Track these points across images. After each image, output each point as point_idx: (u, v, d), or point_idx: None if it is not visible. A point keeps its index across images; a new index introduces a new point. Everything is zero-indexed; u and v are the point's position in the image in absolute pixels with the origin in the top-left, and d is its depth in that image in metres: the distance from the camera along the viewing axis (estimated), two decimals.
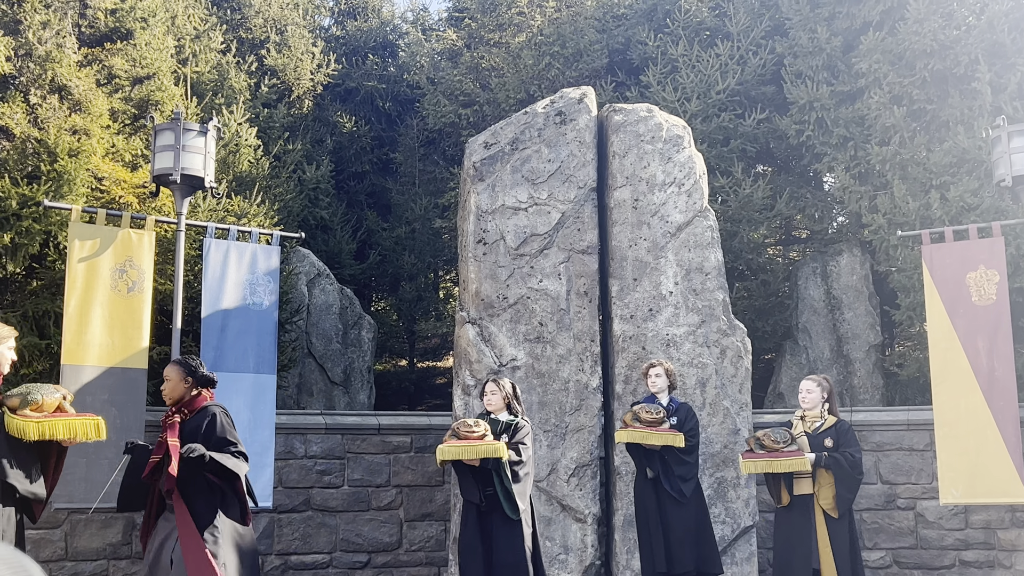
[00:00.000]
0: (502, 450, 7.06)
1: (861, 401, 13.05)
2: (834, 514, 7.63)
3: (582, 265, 9.86)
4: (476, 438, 7.10)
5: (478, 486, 7.18)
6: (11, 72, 10.86)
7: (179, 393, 6.34)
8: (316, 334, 13.65)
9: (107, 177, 10.81)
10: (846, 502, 7.69)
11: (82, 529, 9.68)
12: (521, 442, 7.30)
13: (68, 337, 8.82)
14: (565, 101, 10.25)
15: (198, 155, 9.26)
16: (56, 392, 5.85)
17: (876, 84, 13.25)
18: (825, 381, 8.06)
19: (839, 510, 7.65)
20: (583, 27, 15.88)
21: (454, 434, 7.19)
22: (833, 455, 7.67)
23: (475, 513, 7.23)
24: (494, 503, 7.15)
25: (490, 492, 7.15)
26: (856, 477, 7.73)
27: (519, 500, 7.14)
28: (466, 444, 7.07)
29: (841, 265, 13.71)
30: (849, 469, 7.65)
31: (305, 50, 17.22)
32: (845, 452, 7.69)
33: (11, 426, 5.56)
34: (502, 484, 7.11)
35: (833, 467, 7.65)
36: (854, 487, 7.75)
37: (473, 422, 7.21)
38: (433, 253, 17.28)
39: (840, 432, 7.81)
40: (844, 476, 7.66)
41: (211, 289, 9.56)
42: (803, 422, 7.97)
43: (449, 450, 7.09)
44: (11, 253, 9.98)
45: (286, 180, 14.59)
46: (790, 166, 15.59)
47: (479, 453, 7.05)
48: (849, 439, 7.79)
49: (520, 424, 7.42)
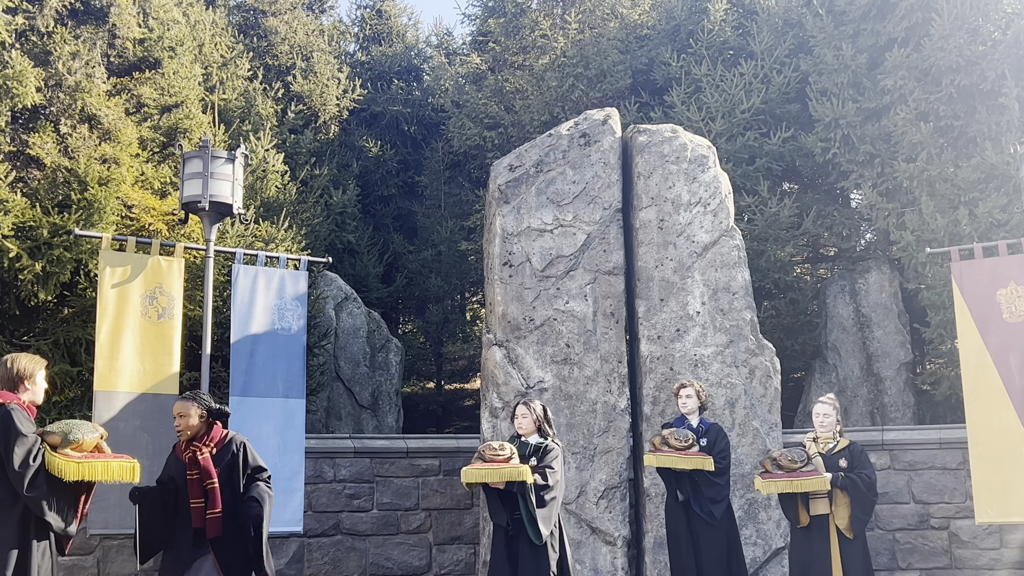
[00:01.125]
0: (527, 474, 7.03)
1: (892, 420, 12.94)
2: (849, 535, 7.61)
3: (608, 286, 9.86)
4: (502, 461, 7.06)
5: (505, 509, 7.15)
6: (42, 102, 11.01)
7: (196, 428, 6.39)
8: (344, 358, 13.70)
9: (136, 205, 10.92)
10: (861, 523, 7.66)
11: (114, 555, 9.73)
12: (548, 466, 7.23)
13: (100, 364, 8.89)
14: (589, 123, 10.28)
15: (226, 182, 9.33)
16: (95, 432, 5.86)
17: (902, 101, 13.20)
18: (836, 402, 8.11)
19: (854, 531, 7.61)
20: (606, 48, 15.93)
21: (480, 456, 7.16)
22: (850, 476, 7.65)
23: (503, 536, 7.20)
24: (520, 527, 7.12)
25: (517, 516, 7.12)
26: (871, 498, 7.70)
27: (542, 525, 7.08)
28: (491, 467, 7.04)
29: (870, 283, 13.62)
30: (865, 490, 7.63)
31: (331, 76, 17.38)
32: (861, 473, 7.66)
33: (52, 465, 5.57)
34: (527, 508, 7.08)
35: (850, 488, 7.63)
36: (869, 508, 7.72)
37: (499, 445, 7.17)
38: (459, 275, 17.32)
39: (854, 453, 7.80)
40: (860, 497, 7.63)
41: (240, 314, 9.62)
42: (816, 443, 7.94)
43: (474, 472, 7.07)
44: (43, 281, 10.09)
45: (313, 205, 14.69)
46: (816, 184, 15.53)
47: (503, 476, 7.02)
48: (863, 460, 7.78)
49: (550, 447, 7.36)
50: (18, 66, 10.60)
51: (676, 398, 8.35)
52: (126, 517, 8.85)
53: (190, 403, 6.44)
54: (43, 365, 5.94)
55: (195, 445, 6.36)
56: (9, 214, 9.87)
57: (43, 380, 5.90)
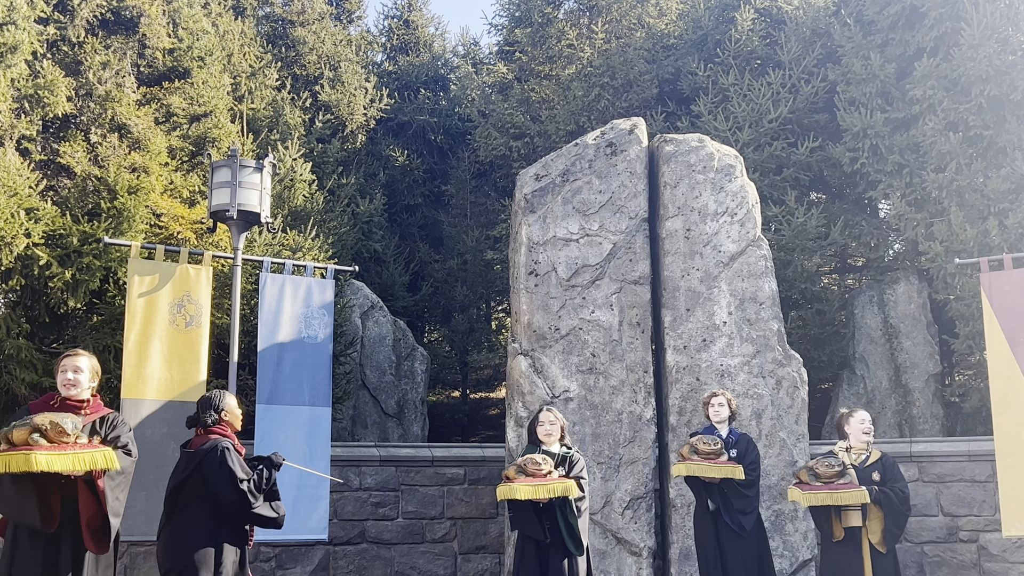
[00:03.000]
0: (573, 489, 7.04)
1: (921, 431, 12.83)
2: (882, 549, 7.49)
3: (634, 296, 9.84)
4: (544, 475, 7.05)
5: (541, 522, 7.11)
6: (72, 112, 11.13)
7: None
8: (370, 366, 13.73)
9: (165, 213, 11.01)
10: (894, 537, 7.54)
11: (142, 562, 9.78)
12: (581, 476, 7.26)
13: (128, 371, 8.96)
14: (615, 132, 10.27)
15: (254, 191, 9.39)
16: (26, 425, 5.61)
17: (931, 110, 13.11)
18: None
19: (887, 545, 7.50)
20: (632, 58, 15.92)
21: (522, 471, 7.10)
22: (883, 490, 7.52)
23: (534, 547, 7.15)
24: (555, 537, 7.10)
25: (550, 526, 7.10)
26: (904, 513, 7.55)
27: (582, 536, 7.12)
28: (538, 483, 7.00)
29: (898, 293, 13.52)
30: (899, 504, 7.51)
31: (358, 86, 17.47)
32: (895, 487, 7.54)
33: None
34: (566, 520, 7.06)
35: (884, 502, 7.50)
36: (902, 523, 7.59)
37: (542, 459, 7.11)
38: (485, 284, 17.34)
39: (886, 466, 7.66)
40: (894, 511, 7.51)
41: (267, 323, 9.67)
42: (848, 454, 7.79)
43: (522, 489, 7.00)
44: (72, 289, 10.18)
45: (340, 214, 14.76)
46: (844, 194, 15.45)
47: (553, 492, 7.00)
48: (896, 474, 7.64)
49: (576, 458, 7.37)
50: (49, 76, 10.72)
51: (707, 407, 8.28)
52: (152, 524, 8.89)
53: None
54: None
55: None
56: (40, 222, 9.97)
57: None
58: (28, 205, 9.98)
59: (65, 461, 5.50)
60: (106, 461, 5.62)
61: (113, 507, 5.72)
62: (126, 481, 5.88)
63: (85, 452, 5.59)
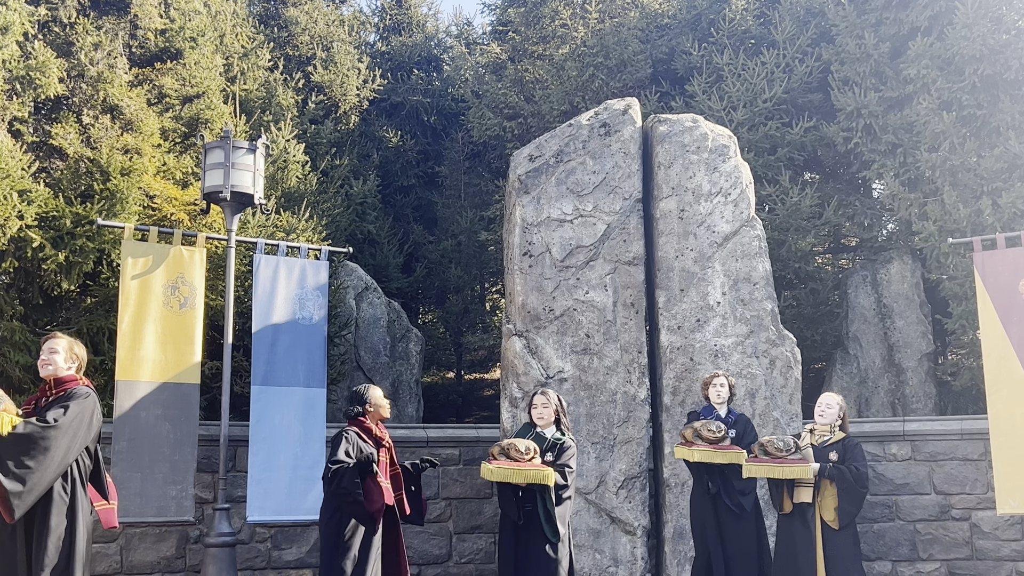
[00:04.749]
0: (549, 477, 7.04)
1: (914, 411, 12.89)
2: (835, 526, 7.65)
3: (628, 276, 9.85)
4: (527, 461, 7.09)
5: (518, 504, 7.16)
6: (64, 93, 11.08)
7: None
8: (364, 347, 13.74)
9: (158, 195, 10.98)
10: (848, 515, 7.70)
11: (137, 542, 9.81)
12: (567, 464, 7.23)
13: (122, 353, 8.97)
14: (609, 112, 10.26)
15: (247, 172, 9.38)
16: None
17: (925, 90, 13.11)
18: (843, 402, 8.14)
19: (840, 522, 7.66)
20: (626, 38, 15.88)
21: (504, 453, 7.15)
22: (838, 467, 7.72)
23: (511, 527, 7.21)
24: (532, 520, 7.13)
25: (529, 509, 7.14)
26: (860, 490, 7.75)
27: (560, 524, 7.10)
28: (515, 467, 7.05)
29: (891, 273, 13.55)
30: (853, 482, 7.68)
31: (351, 66, 17.41)
32: (851, 465, 7.73)
33: None
34: (544, 506, 7.09)
35: (837, 478, 7.70)
36: (857, 500, 7.76)
37: (525, 447, 7.13)
38: (479, 265, 17.35)
39: (847, 447, 7.87)
40: (847, 488, 7.69)
41: (261, 304, 9.67)
42: (812, 435, 8.00)
43: (497, 471, 7.08)
44: (66, 271, 10.17)
45: (334, 195, 14.73)
46: (838, 174, 15.45)
47: (527, 478, 7.05)
48: (856, 454, 7.84)
49: (566, 444, 7.33)
50: (41, 57, 10.67)
51: (707, 388, 8.36)
52: (147, 506, 8.95)
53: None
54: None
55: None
56: (32, 204, 9.95)
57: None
58: (21, 187, 9.95)
59: None
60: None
61: (14, 473, 5.53)
62: (37, 448, 5.64)
63: None
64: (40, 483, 5.65)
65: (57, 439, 5.72)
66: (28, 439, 5.62)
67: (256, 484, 9.33)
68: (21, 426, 5.61)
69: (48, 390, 5.98)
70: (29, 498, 5.61)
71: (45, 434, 5.68)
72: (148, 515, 9.06)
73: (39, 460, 5.64)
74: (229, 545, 8.90)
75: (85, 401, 5.94)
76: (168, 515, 9.13)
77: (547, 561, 7.06)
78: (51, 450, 5.69)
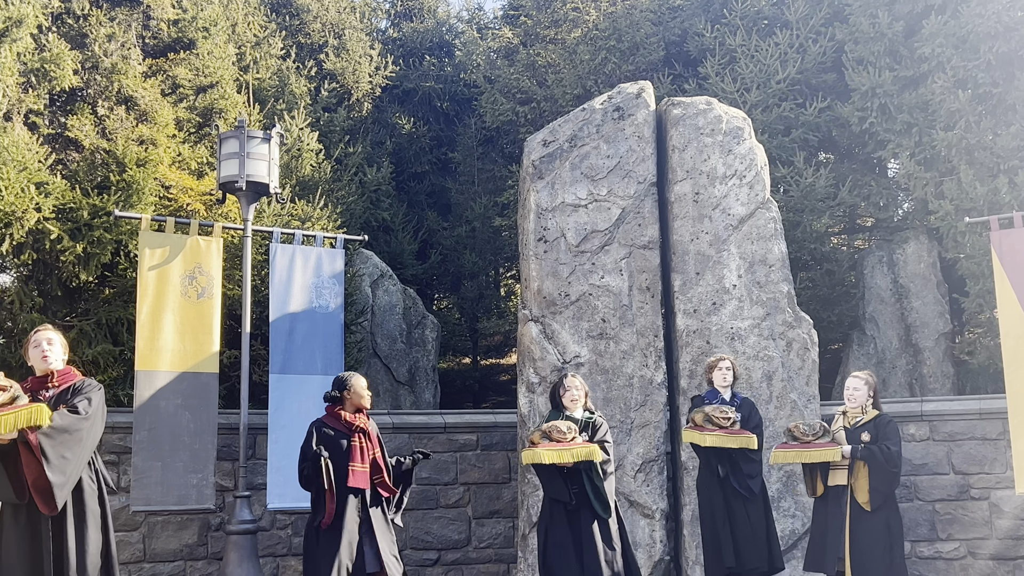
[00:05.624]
0: (596, 453, 7.14)
1: (931, 390, 12.86)
2: (867, 507, 7.58)
3: (644, 260, 9.85)
4: (569, 441, 7.17)
5: (567, 485, 7.22)
6: (79, 85, 11.13)
7: None
8: (381, 334, 13.78)
9: (174, 185, 11.02)
10: (880, 495, 7.59)
11: (159, 531, 9.89)
12: (604, 439, 7.40)
13: (141, 343, 9.02)
14: (623, 96, 10.24)
15: (262, 162, 9.40)
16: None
17: (940, 68, 13.03)
18: (871, 377, 8.00)
19: (872, 503, 7.57)
20: (639, 20, 15.82)
21: (546, 436, 7.22)
22: (869, 447, 7.61)
23: (562, 511, 7.26)
24: (582, 500, 7.20)
25: (576, 490, 7.21)
26: (891, 470, 7.59)
27: (609, 498, 7.24)
28: (563, 448, 7.13)
29: (908, 253, 13.50)
30: (884, 461, 7.56)
31: (363, 53, 17.40)
32: (882, 444, 7.61)
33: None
34: (592, 483, 7.17)
35: (868, 459, 7.59)
36: (889, 480, 7.63)
37: (566, 427, 7.23)
38: (493, 251, 17.35)
39: (879, 426, 7.73)
40: (878, 468, 7.58)
41: (278, 293, 9.71)
42: (844, 417, 7.93)
43: (546, 454, 7.11)
44: (84, 262, 10.23)
45: (348, 183, 14.75)
46: (853, 154, 15.39)
47: (577, 456, 7.11)
48: (888, 432, 7.69)
49: (599, 422, 7.50)
50: (55, 49, 10.71)
51: (712, 371, 8.34)
52: (168, 494, 9.02)
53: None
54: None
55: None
56: (50, 196, 10.00)
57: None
58: (38, 179, 10.01)
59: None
60: (31, 418, 5.52)
61: (56, 464, 5.61)
62: (73, 439, 5.72)
63: (9, 413, 5.50)
64: (75, 474, 5.78)
65: (88, 430, 5.84)
66: (66, 431, 5.71)
67: (276, 472, 9.38)
68: (57, 417, 5.69)
69: (49, 382, 6.02)
70: (67, 489, 5.72)
71: (79, 425, 5.78)
72: (169, 503, 9.13)
73: (75, 451, 5.75)
74: (250, 532, 8.97)
75: (100, 393, 6.07)
76: (189, 503, 9.20)
77: (605, 537, 7.18)
78: (83, 441, 5.81)
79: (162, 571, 9.89)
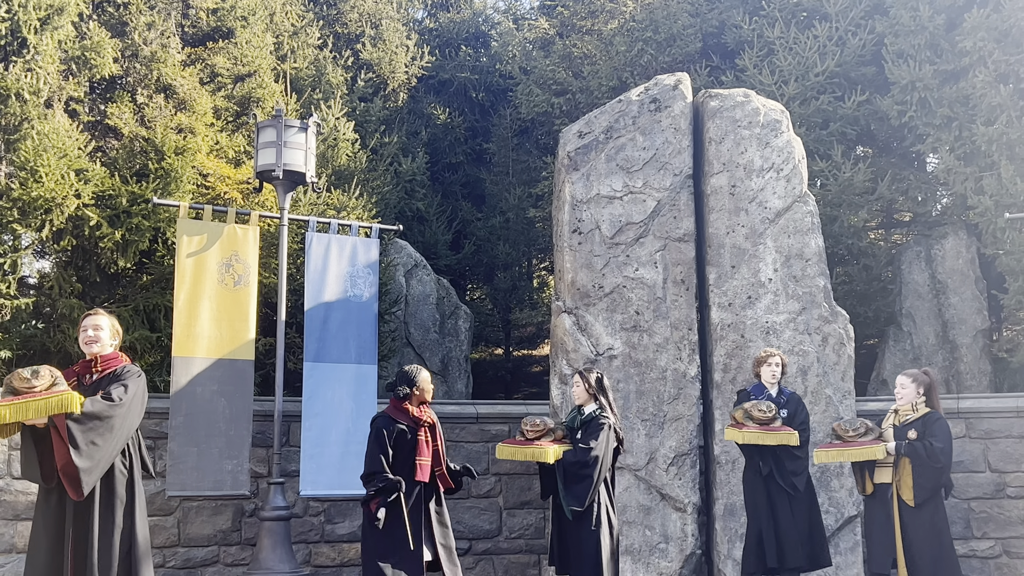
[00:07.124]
0: (548, 455, 7.08)
1: (968, 388, 12.73)
2: (911, 504, 7.51)
3: (678, 253, 9.81)
4: (534, 438, 7.30)
5: (542, 480, 7.40)
6: (119, 73, 11.22)
7: None
8: (414, 324, 13.82)
9: (212, 174, 11.11)
10: (924, 491, 7.51)
11: (194, 516, 9.98)
12: (585, 441, 7.11)
13: (178, 330, 9.10)
14: (659, 88, 10.19)
15: (299, 151, 9.45)
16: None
17: (981, 62, 12.87)
18: (924, 375, 7.81)
19: (916, 499, 7.50)
20: (676, 11, 15.73)
21: (520, 432, 7.43)
22: (912, 443, 7.52)
23: (552, 504, 7.35)
24: (556, 497, 7.25)
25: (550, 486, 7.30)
26: (934, 466, 7.48)
27: (572, 500, 7.03)
28: (517, 447, 7.38)
29: (946, 248, 13.35)
30: (926, 458, 7.46)
31: (399, 43, 17.42)
32: (925, 441, 7.51)
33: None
34: (557, 481, 7.17)
35: (911, 455, 7.51)
36: (933, 476, 7.52)
37: (540, 421, 7.34)
38: (527, 242, 17.35)
39: (927, 423, 7.62)
40: (921, 465, 7.49)
41: (313, 282, 9.77)
42: (896, 415, 7.85)
43: (503, 450, 7.50)
44: (122, 249, 10.33)
45: (383, 173, 14.80)
46: (891, 148, 15.24)
47: (526, 456, 7.31)
48: (934, 429, 7.57)
49: (600, 421, 7.19)
50: (95, 37, 10.81)
51: (760, 366, 8.23)
52: (203, 480, 9.10)
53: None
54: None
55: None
56: (89, 183, 10.11)
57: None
58: (77, 166, 10.12)
59: (19, 409, 5.49)
60: (60, 405, 5.54)
61: (84, 450, 5.62)
62: (105, 426, 5.74)
63: (39, 399, 5.54)
64: (105, 460, 5.78)
65: (121, 417, 5.85)
66: (96, 417, 5.73)
67: (309, 459, 9.45)
68: (88, 404, 5.71)
69: (93, 367, 6.06)
70: (95, 474, 5.74)
71: (112, 412, 5.79)
72: (205, 489, 9.22)
73: (106, 438, 5.76)
74: (284, 519, 9.04)
75: (139, 380, 6.07)
76: (224, 489, 9.28)
77: (579, 536, 7.07)
78: (115, 428, 5.82)
79: (196, 555, 9.99)
